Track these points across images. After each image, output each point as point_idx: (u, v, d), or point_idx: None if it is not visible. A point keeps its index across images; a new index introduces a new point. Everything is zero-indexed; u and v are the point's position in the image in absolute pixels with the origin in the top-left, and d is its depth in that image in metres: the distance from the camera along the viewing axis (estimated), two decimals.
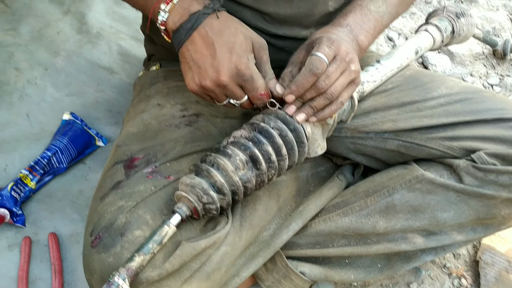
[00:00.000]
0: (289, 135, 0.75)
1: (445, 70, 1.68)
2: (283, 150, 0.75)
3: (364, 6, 0.87)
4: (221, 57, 0.75)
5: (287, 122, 0.76)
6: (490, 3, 1.98)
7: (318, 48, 0.76)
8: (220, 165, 0.72)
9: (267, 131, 0.75)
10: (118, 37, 1.57)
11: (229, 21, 0.78)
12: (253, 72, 0.76)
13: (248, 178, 0.73)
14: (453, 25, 1.09)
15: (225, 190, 0.71)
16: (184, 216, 0.70)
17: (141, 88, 1.04)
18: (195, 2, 0.78)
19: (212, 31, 0.76)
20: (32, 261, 1.07)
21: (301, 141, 0.77)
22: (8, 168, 1.21)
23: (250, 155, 0.73)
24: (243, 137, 0.75)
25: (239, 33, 0.77)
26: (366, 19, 0.85)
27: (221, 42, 0.76)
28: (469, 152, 0.89)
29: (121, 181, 0.80)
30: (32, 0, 1.62)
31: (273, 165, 0.74)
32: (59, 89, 1.40)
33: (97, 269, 0.71)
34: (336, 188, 1.01)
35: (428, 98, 0.95)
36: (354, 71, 0.78)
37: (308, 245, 0.99)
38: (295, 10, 0.90)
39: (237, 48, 0.76)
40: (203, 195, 0.70)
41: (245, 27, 0.79)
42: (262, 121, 0.76)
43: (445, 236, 0.94)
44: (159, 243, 0.68)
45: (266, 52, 0.80)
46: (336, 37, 0.78)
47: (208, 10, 0.77)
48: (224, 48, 0.76)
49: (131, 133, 0.90)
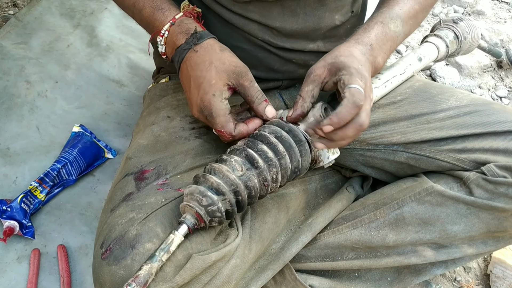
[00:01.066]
0: (284, 134, 0.76)
1: (454, 83, 1.68)
2: (280, 147, 0.75)
3: (385, 24, 0.86)
4: (193, 92, 0.81)
5: (281, 125, 0.78)
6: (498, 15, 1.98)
7: (352, 79, 0.75)
8: (215, 169, 0.73)
9: (261, 135, 0.76)
10: (128, 50, 1.59)
11: (206, 55, 0.80)
12: (213, 108, 0.78)
13: (248, 177, 0.73)
14: (453, 30, 1.09)
15: (223, 188, 0.71)
16: (190, 225, 0.70)
17: (151, 101, 1.05)
18: (180, 36, 0.82)
19: (190, 65, 0.81)
20: (41, 273, 1.07)
21: (299, 139, 0.77)
22: (18, 180, 1.22)
23: (246, 155, 0.74)
24: (238, 145, 0.77)
25: (211, 68, 0.79)
26: (385, 39, 0.85)
27: (194, 77, 0.80)
28: (479, 164, 0.88)
29: (132, 193, 0.80)
30: (43, 14, 1.65)
31: (272, 163, 0.74)
32: (69, 101, 1.41)
33: (107, 281, 0.71)
34: (345, 201, 1.01)
35: (437, 110, 0.95)
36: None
37: (317, 258, 0.98)
38: (301, 24, 0.91)
39: (204, 84, 0.79)
40: (201, 198, 0.70)
41: (221, 59, 0.80)
42: (257, 131, 0.79)
43: (455, 249, 0.93)
44: (166, 250, 0.68)
45: (247, 78, 0.80)
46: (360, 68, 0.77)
47: (187, 46, 0.81)
48: (195, 83, 0.80)
49: (141, 145, 0.91)
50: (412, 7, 0.90)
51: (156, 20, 0.85)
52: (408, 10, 0.89)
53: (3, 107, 1.36)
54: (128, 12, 0.92)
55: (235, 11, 0.89)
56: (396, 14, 0.88)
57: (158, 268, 0.67)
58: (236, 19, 0.90)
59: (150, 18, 0.86)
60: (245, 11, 0.88)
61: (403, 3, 0.90)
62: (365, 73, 0.78)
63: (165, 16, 0.84)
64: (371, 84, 0.80)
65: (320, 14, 0.91)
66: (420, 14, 0.93)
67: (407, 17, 0.89)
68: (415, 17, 0.91)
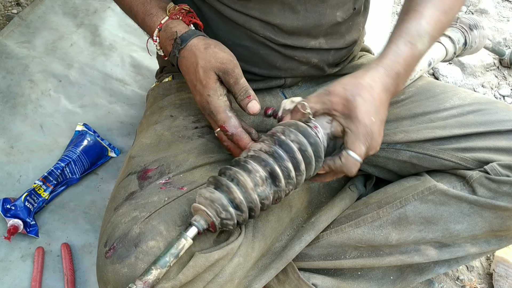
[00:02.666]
0: (308, 150, 0.74)
1: (456, 81, 1.68)
2: (302, 165, 0.73)
3: (414, 44, 0.82)
4: (193, 94, 0.85)
5: (307, 135, 0.74)
6: (501, 14, 1.98)
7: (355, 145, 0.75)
8: (240, 181, 0.70)
9: (288, 145, 0.73)
10: (131, 49, 1.59)
11: (191, 58, 0.82)
12: (212, 107, 0.80)
13: (266, 195, 0.72)
14: (465, 37, 1.09)
15: (244, 207, 0.71)
16: (201, 229, 0.70)
17: (154, 100, 1.05)
18: (168, 42, 0.85)
19: (183, 70, 0.85)
20: (45, 272, 1.07)
21: (319, 156, 0.75)
22: (22, 178, 1.22)
23: (270, 171, 0.72)
24: (263, 151, 0.73)
25: (198, 69, 0.81)
26: (413, 63, 0.82)
27: (189, 80, 0.84)
28: (482, 163, 0.88)
29: (135, 192, 0.80)
30: (47, 13, 1.65)
31: (291, 181, 0.73)
32: (72, 100, 1.42)
33: (111, 280, 0.71)
34: (348, 199, 1.01)
35: (440, 109, 0.95)
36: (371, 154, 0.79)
37: (320, 256, 0.98)
38: (302, 21, 0.91)
39: (198, 86, 0.82)
40: (222, 211, 0.69)
41: (205, 59, 0.81)
42: (282, 133, 0.75)
43: (458, 248, 0.93)
44: (176, 256, 0.68)
45: (232, 75, 0.81)
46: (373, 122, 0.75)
47: (173, 53, 0.84)
48: (191, 85, 0.84)
49: (145, 144, 0.91)
50: (439, 19, 0.86)
51: (147, 26, 0.88)
52: (435, 23, 0.85)
53: (7, 106, 1.37)
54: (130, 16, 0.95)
55: (236, 9, 0.89)
56: (424, 30, 0.83)
57: (165, 272, 0.67)
58: (237, 16, 0.90)
59: (143, 23, 0.89)
60: (246, 8, 0.88)
61: (429, 15, 0.85)
62: (375, 128, 0.76)
63: (153, 21, 0.87)
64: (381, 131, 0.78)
65: (321, 11, 0.91)
66: (446, 26, 0.90)
67: (434, 30, 0.85)
68: (441, 29, 0.88)
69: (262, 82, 0.99)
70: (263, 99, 1.01)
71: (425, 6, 0.85)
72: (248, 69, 0.95)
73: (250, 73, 0.96)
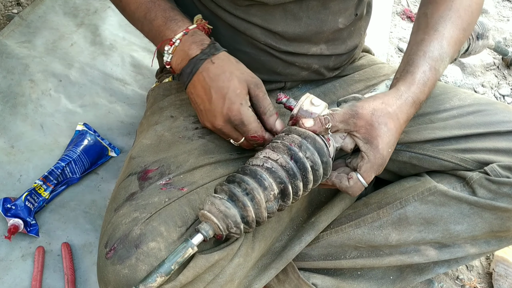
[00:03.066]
0: (320, 170, 0.75)
1: (456, 81, 1.68)
2: (310, 185, 0.75)
3: (437, 69, 0.84)
4: (216, 103, 0.80)
5: (322, 153, 0.75)
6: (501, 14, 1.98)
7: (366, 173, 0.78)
8: (255, 198, 0.70)
9: (303, 164, 0.73)
10: (131, 49, 1.59)
11: (224, 66, 0.81)
12: (244, 116, 0.79)
13: (273, 210, 0.73)
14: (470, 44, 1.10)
15: (254, 224, 0.72)
16: (207, 239, 0.70)
17: (154, 100, 1.05)
18: (194, 46, 0.82)
19: (209, 76, 0.81)
20: (45, 271, 1.07)
21: (326, 174, 0.77)
22: (22, 178, 1.22)
23: (283, 189, 0.73)
24: (279, 165, 0.73)
25: (233, 77, 0.80)
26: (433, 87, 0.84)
27: (216, 88, 0.80)
28: (482, 164, 0.88)
29: (135, 193, 0.81)
30: (47, 13, 1.65)
31: (297, 198, 0.75)
32: (73, 100, 1.42)
33: (111, 281, 0.71)
34: (348, 200, 1.01)
35: (440, 110, 0.95)
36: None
37: (320, 256, 0.99)
38: (304, 28, 0.91)
39: (230, 94, 0.79)
40: (233, 226, 0.70)
41: (240, 70, 0.82)
42: (299, 146, 0.74)
43: (458, 249, 0.93)
44: (181, 264, 0.68)
45: (262, 89, 0.82)
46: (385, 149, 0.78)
47: (204, 56, 0.82)
48: (219, 94, 0.80)
49: (145, 145, 0.91)
50: (458, 38, 0.86)
51: (168, 29, 0.85)
52: (454, 43, 0.86)
53: (7, 106, 1.37)
54: (136, 25, 0.92)
55: (238, 15, 0.89)
56: (446, 54, 0.85)
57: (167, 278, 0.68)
58: (238, 23, 0.90)
59: (161, 27, 0.86)
60: (248, 15, 0.88)
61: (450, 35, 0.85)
62: (387, 158, 0.79)
63: (178, 26, 0.85)
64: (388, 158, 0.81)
65: (323, 18, 0.91)
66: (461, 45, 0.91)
67: (453, 51, 0.86)
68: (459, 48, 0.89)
69: None
70: None
71: (445, 25, 0.86)
72: None
73: None
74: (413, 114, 0.83)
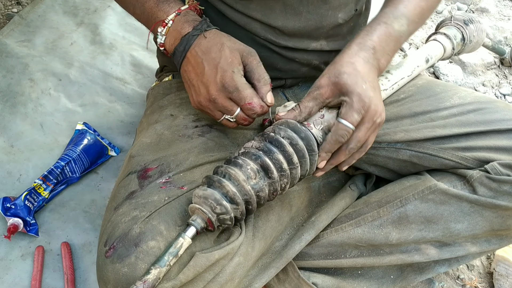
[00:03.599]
0: (299, 143, 0.75)
1: (457, 80, 1.68)
2: (294, 158, 0.75)
3: (389, 24, 0.85)
4: (209, 73, 0.80)
5: (297, 130, 0.76)
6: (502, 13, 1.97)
7: (348, 114, 0.75)
8: (231, 175, 0.72)
9: (277, 140, 0.75)
10: (131, 48, 1.59)
11: (216, 38, 0.82)
12: (238, 83, 0.79)
13: (260, 187, 0.73)
14: (462, 32, 1.09)
15: (238, 199, 0.71)
16: (199, 228, 0.70)
17: (154, 99, 1.05)
18: (186, 25, 0.83)
19: (201, 50, 0.82)
20: (45, 271, 1.07)
21: (312, 149, 0.77)
22: (22, 177, 1.22)
23: (261, 164, 0.73)
24: (253, 148, 0.76)
25: (224, 48, 0.80)
26: (389, 40, 0.84)
27: (208, 59, 0.81)
28: (483, 162, 0.88)
29: (135, 191, 0.80)
30: (47, 12, 1.65)
31: (285, 174, 0.74)
32: (73, 99, 1.42)
33: (111, 279, 0.71)
34: (348, 199, 1.01)
35: (440, 108, 0.94)
36: (380, 124, 0.80)
37: (320, 255, 0.98)
38: (304, 23, 0.91)
39: (222, 63, 0.80)
40: (216, 206, 0.70)
41: (231, 41, 0.82)
42: (272, 131, 0.77)
43: (458, 248, 0.93)
44: (175, 255, 0.68)
45: (255, 57, 0.82)
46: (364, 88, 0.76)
47: (196, 32, 0.82)
48: (211, 65, 0.80)
49: (145, 144, 0.91)
50: (418, 5, 0.89)
51: (160, 11, 0.85)
52: (413, 8, 0.88)
53: (7, 105, 1.37)
54: (128, 9, 0.93)
55: (238, 9, 0.89)
56: (400, 13, 0.86)
57: (165, 272, 0.67)
58: (238, 18, 0.90)
59: (153, 9, 0.86)
60: (247, 9, 0.88)
61: (408, 1, 0.88)
62: (370, 93, 0.76)
63: (170, 7, 0.85)
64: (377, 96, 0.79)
65: (323, 13, 0.91)
66: (426, 12, 0.92)
67: (412, 15, 0.88)
68: (421, 14, 0.90)
69: None
70: None
71: None
72: None
73: None
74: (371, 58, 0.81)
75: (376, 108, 0.77)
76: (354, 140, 0.77)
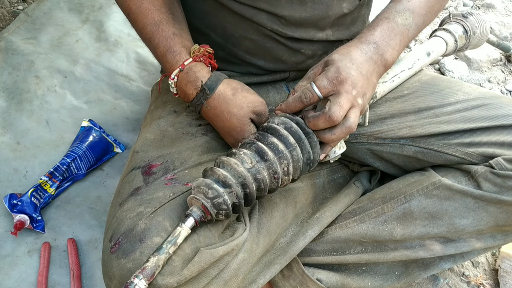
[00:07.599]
0: (293, 126, 0.77)
1: (462, 76, 1.67)
2: (291, 139, 0.75)
3: (391, 19, 0.86)
4: (225, 136, 0.88)
5: (290, 117, 0.79)
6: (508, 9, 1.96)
7: (318, 79, 0.77)
8: (224, 162, 0.74)
9: (271, 127, 0.77)
10: (136, 45, 1.59)
11: (221, 106, 0.84)
12: None
13: (257, 169, 0.73)
14: (463, 25, 1.09)
15: (229, 181, 0.71)
16: (196, 217, 0.70)
17: (158, 94, 1.05)
18: (189, 86, 0.85)
19: (210, 118, 0.87)
20: (51, 267, 1.08)
21: (307, 132, 0.78)
22: (28, 174, 1.23)
23: (255, 149, 0.75)
24: (249, 138, 0.78)
25: (231, 118, 0.83)
26: (392, 34, 0.84)
27: (219, 127, 0.87)
28: (487, 158, 0.88)
29: (140, 188, 0.81)
30: (52, 9, 1.65)
31: (283, 155, 0.75)
32: (78, 96, 1.42)
33: (116, 275, 0.71)
34: (352, 195, 1.01)
35: (445, 104, 0.94)
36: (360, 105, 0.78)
37: (325, 252, 0.98)
38: (310, 13, 0.91)
39: (232, 132, 0.85)
40: (207, 190, 0.71)
41: (239, 105, 0.84)
42: (266, 123, 0.79)
43: (463, 243, 0.93)
44: (173, 243, 0.68)
45: (265, 115, 0.85)
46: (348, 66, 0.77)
47: (199, 101, 0.85)
48: (223, 132, 0.87)
49: (148, 140, 0.91)
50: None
51: (167, 63, 0.86)
52: (418, 1, 0.88)
53: (13, 102, 1.37)
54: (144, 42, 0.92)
55: (243, 2, 0.89)
56: (403, 7, 0.87)
57: (165, 260, 0.67)
58: (244, 10, 0.90)
59: (162, 58, 0.87)
60: (254, 0, 0.88)
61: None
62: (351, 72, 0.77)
63: (175, 60, 0.85)
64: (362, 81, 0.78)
65: (328, 2, 0.91)
66: (435, 4, 0.92)
67: (418, 7, 0.88)
68: (428, 7, 0.90)
69: (266, 75, 0.99)
70: (267, 94, 1.01)
71: None
72: (254, 62, 0.96)
73: (255, 66, 0.97)
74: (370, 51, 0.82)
75: (352, 82, 0.76)
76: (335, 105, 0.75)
